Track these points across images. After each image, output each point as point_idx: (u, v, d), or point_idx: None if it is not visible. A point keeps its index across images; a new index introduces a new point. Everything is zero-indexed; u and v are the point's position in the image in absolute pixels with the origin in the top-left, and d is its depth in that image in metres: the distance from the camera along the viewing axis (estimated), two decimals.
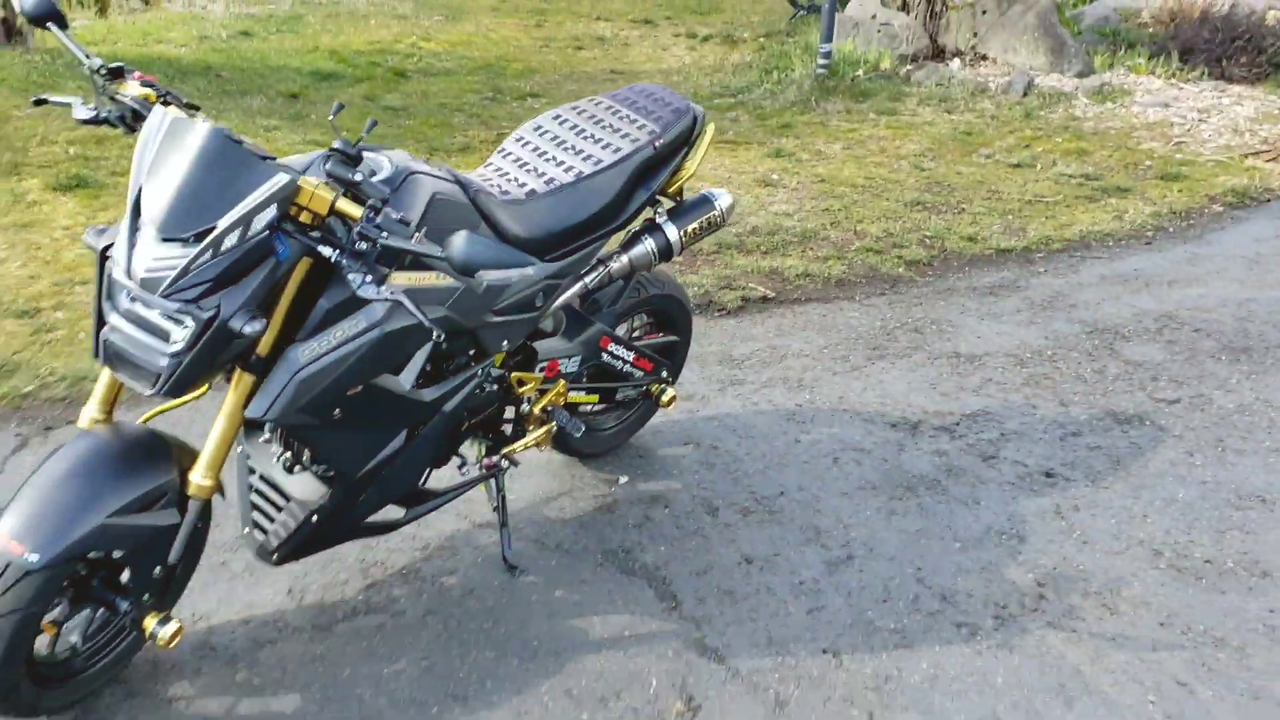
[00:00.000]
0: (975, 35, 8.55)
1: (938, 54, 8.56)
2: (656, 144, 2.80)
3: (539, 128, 2.86)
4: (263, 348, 2.16)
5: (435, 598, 2.73)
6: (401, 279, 2.27)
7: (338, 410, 2.25)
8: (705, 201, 3.00)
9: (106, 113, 2.17)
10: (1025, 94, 7.58)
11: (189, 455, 2.27)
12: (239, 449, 2.52)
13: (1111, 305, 4.59)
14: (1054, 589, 2.79)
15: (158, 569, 2.24)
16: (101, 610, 2.32)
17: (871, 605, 2.73)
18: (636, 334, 3.31)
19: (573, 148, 2.77)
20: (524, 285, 2.59)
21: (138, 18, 10.30)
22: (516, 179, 2.68)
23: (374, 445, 2.41)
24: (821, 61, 7.86)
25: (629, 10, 11.97)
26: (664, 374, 3.23)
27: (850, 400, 3.76)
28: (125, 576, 2.27)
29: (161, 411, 2.46)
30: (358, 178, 2.08)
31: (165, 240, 1.98)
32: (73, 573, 2.18)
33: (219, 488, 2.28)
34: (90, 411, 2.27)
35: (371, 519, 2.59)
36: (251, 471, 2.50)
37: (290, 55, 8.79)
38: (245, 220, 1.98)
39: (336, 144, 2.11)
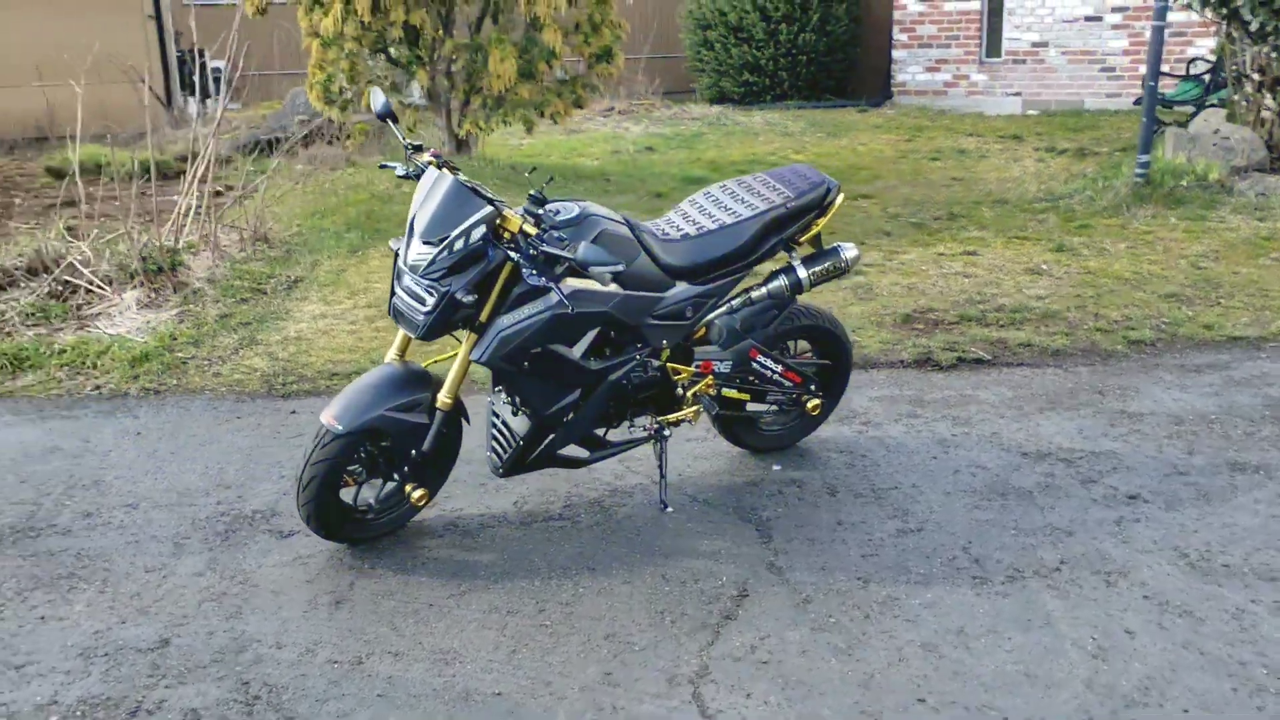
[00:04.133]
0: None
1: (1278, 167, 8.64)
2: (788, 205, 3.85)
3: (708, 193, 4.01)
4: (483, 317, 3.47)
5: (604, 517, 3.88)
6: (576, 282, 3.50)
7: (526, 363, 3.50)
8: (834, 252, 4.00)
9: (411, 172, 3.61)
10: None
11: (439, 384, 3.62)
12: (488, 400, 3.82)
13: None
14: (1071, 566, 3.45)
15: (414, 453, 3.59)
16: (389, 485, 3.70)
17: (914, 558, 3.54)
18: (803, 355, 4.30)
19: (725, 205, 3.89)
20: (675, 300, 3.73)
21: (571, 136, 12.54)
22: (679, 225, 3.85)
23: (555, 394, 3.62)
24: (1139, 171, 8.30)
25: (1005, 127, 12.70)
26: (812, 388, 4.20)
27: (1001, 436, 4.48)
28: (400, 460, 3.64)
29: (435, 361, 3.83)
30: (539, 212, 3.37)
31: (425, 243, 3.35)
32: (364, 445, 3.57)
33: (457, 408, 3.62)
34: (390, 353, 3.69)
35: (563, 453, 3.80)
36: (495, 415, 3.79)
37: (675, 165, 10.49)
38: (466, 233, 3.31)
39: (532, 193, 3.40)
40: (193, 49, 17.47)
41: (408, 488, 3.63)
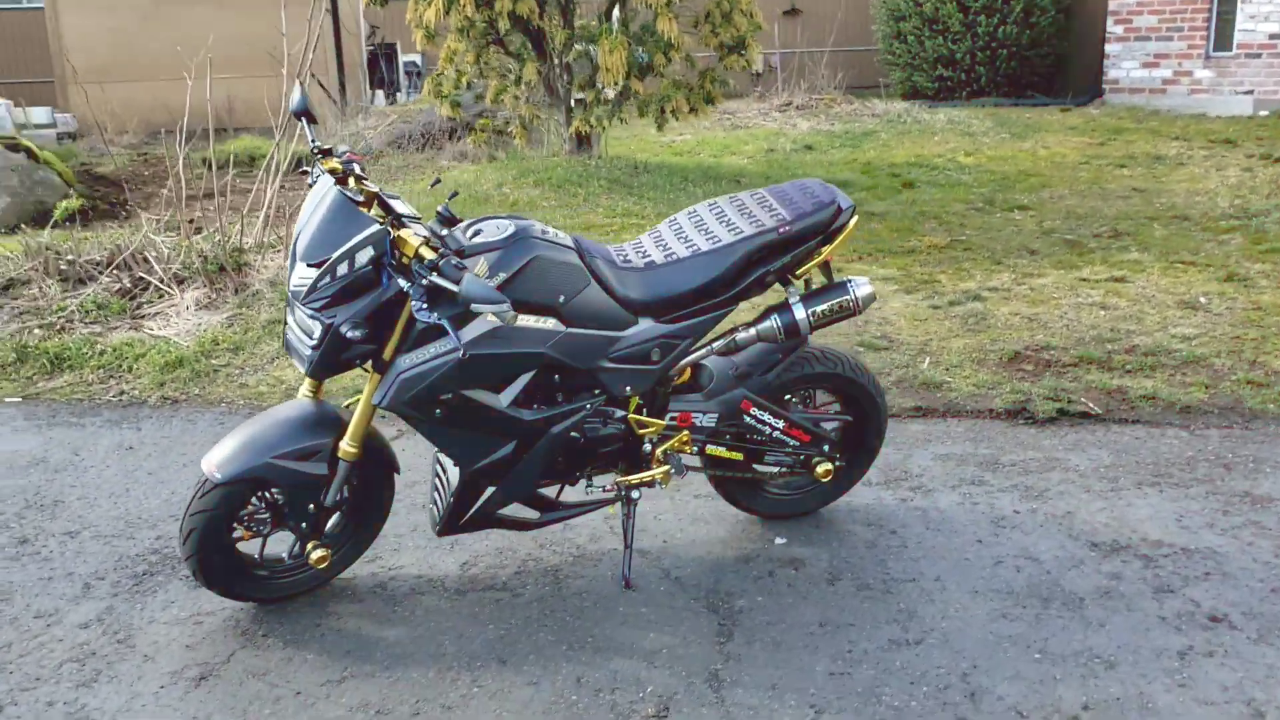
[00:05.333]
0: None
1: None
2: (781, 230, 3.15)
3: (692, 212, 3.35)
4: (387, 354, 2.94)
5: (554, 591, 3.29)
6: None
7: (438, 410, 2.95)
8: (842, 288, 3.26)
9: (315, 178, 3.11)
10: None
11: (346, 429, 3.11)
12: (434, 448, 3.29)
13: None
14: (1097, 715, 2.62)
15: (312, 506, 3.10)
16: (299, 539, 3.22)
17: (894, 684, 2.79)
18: (825, 408, 3.57)
19: (705, 228, 3.22)
20: (636, 340, 3.10)
21: (731, 132, 11.88)
22: (646, 251, 3.20)
23: (481, 447, 3.06)
24: None
25: (1222, 131, 11.23)
26: (825, 448, 3.47)
27: (1075, 518, 3.62)
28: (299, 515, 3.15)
29: (355, 400, 3.32)
30: (444, 233, 2.80)
31: (308, 265, 2.85)
32: (254, 494, 3.10)
33: (375, 458, 3.13)
34: (303, 388, 3.20)
35: (506, 513, 3.23)
36: (439, 464, 3.27)
37: (824, 166, 9.69)
38: (350, 255, 2.79)
39: (440, 209, 2.84)
40: (381, 43, 17.76)
41: (309, 547, 3.14)
